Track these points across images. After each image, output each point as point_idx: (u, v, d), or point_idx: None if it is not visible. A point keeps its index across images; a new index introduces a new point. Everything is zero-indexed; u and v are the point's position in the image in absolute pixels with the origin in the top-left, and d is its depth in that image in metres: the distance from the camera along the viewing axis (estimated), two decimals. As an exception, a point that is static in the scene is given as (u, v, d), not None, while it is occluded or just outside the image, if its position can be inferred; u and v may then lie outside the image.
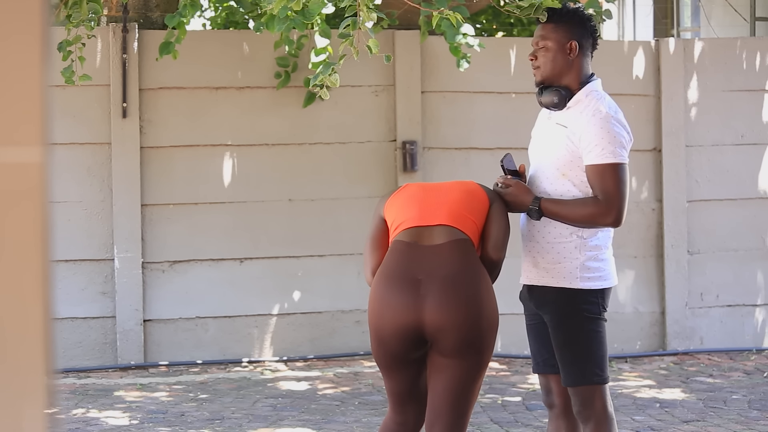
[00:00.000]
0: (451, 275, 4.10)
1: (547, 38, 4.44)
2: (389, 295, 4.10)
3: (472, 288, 4.10)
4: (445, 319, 4.05)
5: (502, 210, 4.33)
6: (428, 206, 4.24)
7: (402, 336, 4.09)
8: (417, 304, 4.07)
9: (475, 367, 4.14)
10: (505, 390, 7.42)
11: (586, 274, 4.36)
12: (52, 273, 1.60)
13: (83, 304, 7.94)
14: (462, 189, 4.33)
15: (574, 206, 4.32)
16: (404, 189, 4.38)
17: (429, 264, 4.12)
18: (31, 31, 1.57)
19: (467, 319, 4.07)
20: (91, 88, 7.93)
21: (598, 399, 4.38)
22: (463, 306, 4.07)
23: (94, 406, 7.00)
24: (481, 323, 4.09)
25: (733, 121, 8.51)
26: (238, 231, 8.10)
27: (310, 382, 7.60)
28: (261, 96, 8.13)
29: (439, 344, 4.10)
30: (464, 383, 4.14)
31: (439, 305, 4.06)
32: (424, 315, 4.07)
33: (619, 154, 4.32)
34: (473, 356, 4.11)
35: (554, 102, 4.42)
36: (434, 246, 4.16)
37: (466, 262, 4.14)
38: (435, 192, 4.33)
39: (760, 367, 8.06)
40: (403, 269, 4.12)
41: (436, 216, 4.21)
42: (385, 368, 4.21)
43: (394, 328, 4.09)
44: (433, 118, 8.21)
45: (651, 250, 8.43)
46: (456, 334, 4.06)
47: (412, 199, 4.29)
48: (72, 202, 7.89)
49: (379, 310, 4.13)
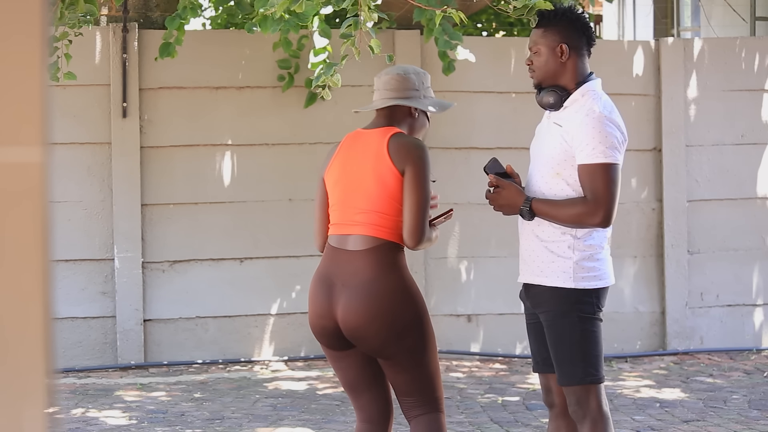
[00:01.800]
0: (360, 284, 4.19)
1: (537, 43, 4.47)
2: (313, 296, 4.30)
3: (381, 295, 4.17)
4: (354, 326, 4.18)
5: (414, 187, 4.21)
6: (349, 206, 4.26)
7: (326, 334, 4.27)
8: (331, 307, 4.23)
9: (407, 358, 4.21)
10: (505, 390, 7.42)
11: (581, 273, 4.36)
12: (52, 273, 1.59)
13: (83, 303, 7.94)
14: (376, 175, 4.23)
15: (563, 206, 4.33)
16: (335, 159, 4.35)
17: (345, 270, 4.22)
18: (31, 31, 1.57)
19: (372, 327, 4.16)
20: (91, 88, 7.93)
21: (593, 398, 4.38)
22: (370, 316, 4.16)
23: (94, 406, 7.00)
24: (392, 327, 4.17)
25: (733, 121, 8.51)
26: (238, 231, 8.10)
27: (310, 382, 7.60)
28: (261, 96, 8.13)
29: (361, 347, 4.24)
30: (409, 369, 4.23)
31: (347, 313, 4.19)
32: (338, 319, 4.22)
33: (610, 154, 4.32)
34: (399, 354, 4.20)
35: (550, 102, 4.44)
36: (351, 252, 4.23)
37: (378, 269, 4.19)
38: (355, 179, 4.27)
39: (760, 367, 8.06)
40: (325, 272, 4.29)
41: (354, 223, 4.24)
42: (330, 359, 4.37)
43: (318, 326, 4.28)
44: (434, 118, 8.17)
45: (651, 250, 8.43)
46: (368, 342, 4.20)
47: (337, 188, 4.31)
48: (72, 202, 7.89)
49: (310, 307, 4.32)
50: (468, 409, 6.92)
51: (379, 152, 4.25)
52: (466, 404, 7.05)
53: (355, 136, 4.39)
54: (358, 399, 4.37)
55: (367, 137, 4.33)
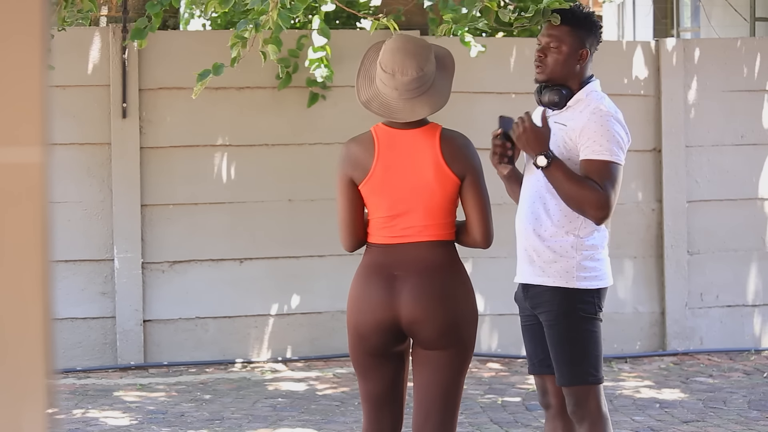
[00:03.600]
0: (426, 270, 4.09)
1: (561, 40, 4.41)
2: (366, 290, 4.13)
3: (446, 282, 4.10)
4: (421, 311, 4.06)
5: (477, 191, 4.15)
6: (405, 220, 4.11)
7: (381, 330, 4.11)
8: (393, 298, 4.08)
9: (456, 357, 4.13)
10: (505, 390, 7.42)
11: (583, 273, 4.36)
12: (52, 273, 1.59)
13: (83, 304, 7.93)
14: (438, 186, 4.11)
15: (578, 180, 4.27)
16: (378, 165, 4.13)
17: (406, 259, 4.11)
18: (31, 31, 1.57)
19: (440, 309, 4.07)
20: (91, 88, 7.93)
21: (593, 399, 4.38)
22: (436, 298, 4.07)
23: (93, 407, 7.00)
24: (455, 314, 4.09)
25: (733, 121, 8.51)
26: (238, 231, 8.10)
27: (310, 383, 7.60)
28: (261, 96, 8.13)
29: (417, 337, 4.12)
30: (448, 374, 4.14)
31: (413, 299, 4.07)
32: (399, 310, 4.08)
33: (615, 153, 4.32)
34: (453, 346, 4.11)
35: (555, 101, 4.42)
36: (412, 245, 4.12)
37: (443, 258, 4.13)
38: (411, 192, 4.12)
39: (760, 368, 8.06)
40: (381, 264, 4.13)
41: (412, 234, 4.12)
42: (363, 367, 4.20)
43: (371, 321, 4.11)
44: (434, 119, 8.19)
45: (651, 251, 8.43)
46: (430, 327, 4.07)
47: (385, 198, 4.13)
48: (72, 203, 7.88)
49: (359, 306, 4.15)
50: (468, 410, 6.92)
51: (434, 161, 4.11)
52: (465, 405, 7.05)
53: (390, 136, 4.15)
54: (377, 412, 4.24)
55: (409, 139, 4.14)
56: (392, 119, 4.11)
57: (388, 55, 4.08)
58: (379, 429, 4.27)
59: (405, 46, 4.08)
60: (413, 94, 4.07)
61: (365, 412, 4.28)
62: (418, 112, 4.08)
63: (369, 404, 4.25)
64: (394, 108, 4.08)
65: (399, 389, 4.25)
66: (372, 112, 4.13)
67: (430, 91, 4.12)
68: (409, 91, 4.07)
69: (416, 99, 4.08)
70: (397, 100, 4.07)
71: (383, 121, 4.18)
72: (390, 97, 4.08)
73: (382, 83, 4.10)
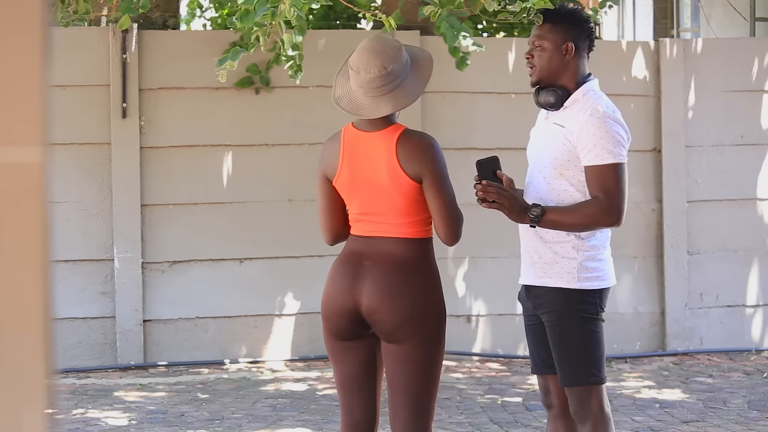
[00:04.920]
0: (390, 263, 4.17)
1: (543, 38, 4.44)
2: (335, 276, 4.25)
3: (408, 277, 4.16)
4: (378, 302, 4.14)
5: (436, 192, 4.16)
6: (372, 218, 4.20)
7: (343, 315, 4.20)
8: (355, 284, 4.18)
9: (415, 351, 4.16)
10: (505, 390, 7.42)
11: (585, 274, 4.36)
12: (52, 273, 1.59)
13: (83, 304, 7.94)
14: (395, 189, 4.14)
15: (577, 210, 4.29)
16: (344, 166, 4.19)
17: (376, 250, 4.19)
18: (31, 31, 1.57)
19: (396, 302, 4.13)
20: (91, 88, 7.93)
21: (595, 399, 4.39)
22: (394, 291, 4.14)
23: (93, 407, 7.00)
24: (412, 308, 4.14)
25: (733, 121, 8.51)
26: (237, 231, 8.10)
27: (310, 383, 7.60)
28: (260, 96, 8.13)
29: (376, 326, 4.19)
30: (410, 368, 4.17)
31: (372, 289, 4.15)
32: (360, 298, 4.17)
33: (618, 153, 4.32)
34: (410, 340, 4.15)
35: (551, 102, 4.43)
36: (383, 238, 4.20)
37: (410, 253, 4.19)
38: (373, 193, 4.17)
39: (760, 368, 8.06)
40: (352, 251, 4.24)
41: (381, 231, 4.20)
42: (332, 350, 4.29)
43: (335, 306, 4.22)
44: (434, 119, 8.21)
45: (651, 251, 8.43)
46: (388, 319, 4.14)
47: (354, 197, 4.21)
48: (72, 203, 7.89)
49: (327, 289, 4.27)
50: (467, 410, 6.92)
51: (390, 165, 4.14)
52: (465, 405, 7.05)
53: (354, 137, 4.21)
54: (349, 398, 4.30)
55: (369, 142, 4.18)
56: (358, 116, 4.17)
57: (357, 53, 4.18)
58: (351, 416, 4.31)
59: (372, 46, 4.16)
60: (378, 92, 4.13)
61: (340, 401, 4.35)
62: (381, 110, 4.13)
63: (341, 390, 4.32)
64: (360, 104, 4.16)
65: (371, 377, 4.29)
66: (342, 110, 4.20)
67: (396, 91, 4.15)
68: (373, 89, 4.12)
69: (381, 97, 4.13)
70: (363, 97, 4.15)
71: (353, 120, 4.25)
72: (357, 93, 4.16)
73: (351, 81, 4.19)
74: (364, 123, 4.21)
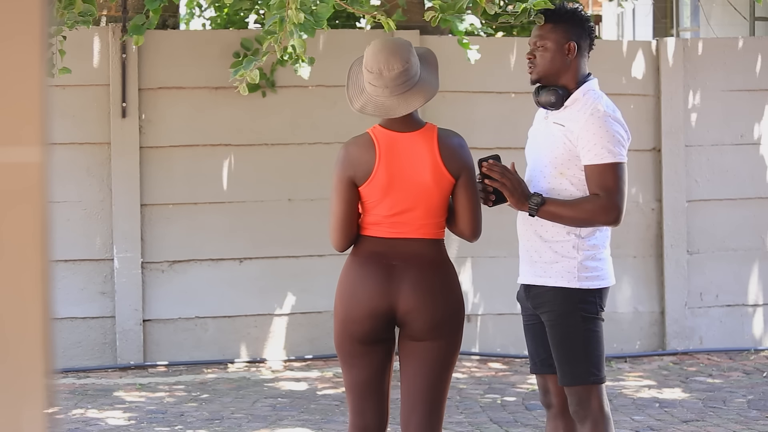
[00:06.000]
0: (423, 263, 4.21)
1: (545, 38, 4.45)
2: (364, 278, 4.21)
3: (441, 277, 4.23)
4: (416, 302, 4.17)
5: (470, 189, 4.25)
6: (405, 218, 4.21)
7: (374, 317, 4.18)
8: (391, 285, 4.18)
9: (443, 350, 4.22)
10: (505, 390, 7.42)
11: (584, 273, 4.36)
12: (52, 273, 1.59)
13: (83, 304, 7.94)
14: (436, 187, 4.20)
15: (576, 204, 4.32)
16: (381, 167, 4.19)
17: (403, 252, 4.21)
18: (31, 31, 1.57)
19: (435, 302, 4.19)
20: (91, 88, 7.93)
21: (595, 399, 4.39)
22: (434, 291, 4.19)
23: (93, 406, 7.00)
24: (447, 308, 4.21)
25: (733, 121, 8.51)
26: (237, 231, 8.10)
27: (310, 382, 7.60)
28: (260, 96, 8.12)
29: (410, 326, 4.19)
30: (435, 367, 4.23)
31: (412, 289, 4.17)
32: (398, 298, 4.18)
33: (618, 152, 4.33)
34: (442, 338, 4.21)
35: (551, 101, 4.43)
36: (407, 240, 4.22)
37: (438, 255, 4.26)
38: (413, 192, 4.20)
39: (760, 367, 8.06)
40: (379, 253, 4.22)
41: (410, 231, 4.23)
42: (350, 354, 4.25)
43: (366, 309, 4.18)
44: (434, 118, 8.17)
45: (650, 250, 8.43)
46: (425, 315, 4.17)
47: (388, 198, 4.21)
48: (71, 202, 7.89)
49: (352, 291, 4.21)
50: (467, 409, 6.92)
51: (434, 163, 4.20)
52: (465, 404, 7.05)
53: (389, 139, 4.21)
54: (361, 402, 4.30)
55: (408, 142, 4.22)
56: (389, 116, 4.18)
57: (371, 56, 4.16)
58: (363, 419, 4.32)
59: (386, 45, 4.17)
60: (403, 88, 4.15)
61: (351, 404, 4.33)
62: (412, 104, 4.16)
63: (354, 394, 4.30)
64: (389, 106, 4.16)
65: (384, 381, 4.30)
66: (369, 115, 4.20)
67: (419, 83, 4.19)
68: (398, 86, 4.14)
69: (408, 93, 4.16)
70: (389, 97, 4.15)
71: (379, 122, 4.26)
72: (382, 96, 4.16)
73: (371, 85, 4.18)
74: (396, 123, 4.22)
